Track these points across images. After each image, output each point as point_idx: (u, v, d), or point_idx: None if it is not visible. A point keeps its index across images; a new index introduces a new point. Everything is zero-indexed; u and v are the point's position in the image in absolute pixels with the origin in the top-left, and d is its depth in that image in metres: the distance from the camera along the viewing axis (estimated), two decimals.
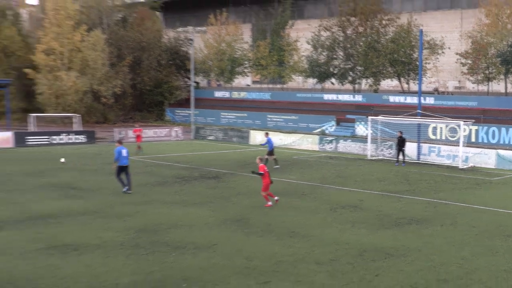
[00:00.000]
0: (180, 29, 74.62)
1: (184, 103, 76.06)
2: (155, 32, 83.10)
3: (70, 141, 49.74)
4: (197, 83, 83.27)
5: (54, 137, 49.36)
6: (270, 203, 22.87)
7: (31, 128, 56.41)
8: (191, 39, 67.14)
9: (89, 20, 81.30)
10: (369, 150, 42.48)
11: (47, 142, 48.32)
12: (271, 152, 35.50)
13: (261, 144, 37.13)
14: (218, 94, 78.56)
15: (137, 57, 78.71)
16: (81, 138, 50.55)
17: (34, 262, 14.98)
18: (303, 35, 72.51)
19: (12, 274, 13.95)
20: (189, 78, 77.22)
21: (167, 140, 54.81)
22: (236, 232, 18.58)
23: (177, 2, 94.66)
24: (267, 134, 38.26)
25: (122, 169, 25.79)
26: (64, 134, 50.09)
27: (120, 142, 26.80)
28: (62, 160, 35.44)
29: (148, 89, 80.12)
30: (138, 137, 42.32)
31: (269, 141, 35.82)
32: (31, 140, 47.89)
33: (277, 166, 34.75)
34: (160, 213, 21.31)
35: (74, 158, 38.47)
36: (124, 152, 25.69)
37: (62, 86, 72.83)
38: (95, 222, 19.74)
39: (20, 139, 46.95)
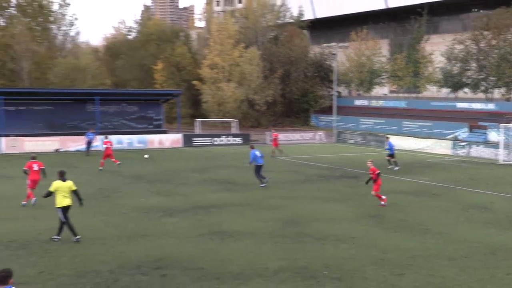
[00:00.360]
0: (324, 45, 74.66)
1: (327, 110, 75.69)
2: (303, 48, 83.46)
3: (229, 142, 51.22)
4: (339, 92, 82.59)
5: (216, 138, 51.12)
6: (383, 202, 21.79)
7: (197, 131, 58.78)
8: (334, 54, 66.74)
9: (246, 38, 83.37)
10: (501, 155, 39.89)
11: (209, 143, 50.13)
12: (391, 155, 34.51)
13: (386, 149, 36.07)
14: (358, 102, 77.41)
15: (286, 70, 79.54)
16: (238, 140, 51.88)
17: (197, 245, 15.48)
18: (438, 48, 69.55)
19: (179, 254, 14.50)
20: (332, 88, 76.72)
21: (312, 143, 54.84)
22: (373, 227, 18.10)
23: (322, 22, 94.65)
24: (387, 138, 37.00)
25: (259, 168, 26.81)
26: (224, 136, 51.70)
27: (252, 147, 28.30)
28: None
29: (296, 98, 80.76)
30: (274, 141, 41.86)
31: (389, 145, 34.77)
32: (197, 141, 49.91)
33: (396, 168, 33.69)
34: (304, 207, 21.27)
35: (232, 157, 39.51)
36: (258, 153, 26.94)
37: (223, 95, 75.27)
38: (248, 213, 20.08)
39: (188, 140, 49.12)
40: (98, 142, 41.17)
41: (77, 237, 15.76)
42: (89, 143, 40.71)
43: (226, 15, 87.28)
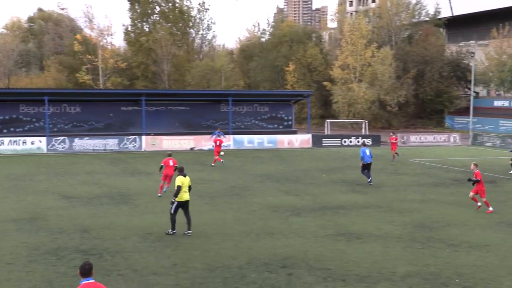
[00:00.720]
0: (462, 44, 71.24)
1: (463, 112, 72.21)
2: (438, 47, 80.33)
3: (358, 143, 50.49)
4: (477, 93, 78.48)
5: (345, 139, 50.62)
6: (491, 208, 20.53)
7: (326, 131, 58.61)
8: (472, 52, 63.50)
9: (379, 38, 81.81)
10: None
11: (338, 144, 49.78)
12: None
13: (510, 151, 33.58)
14: (498, 103, 72.99)
15: (420, 70, 76.97)
16: (368, 141, 50.97)
17: (324, 245, 15.43)
18: None
19: (305, 253, 14.54)
20: (469, 88, 73.07)
21: (445, 145, 52.52)
22: (510, 235, 16.96)
23: (460, 19, 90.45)
24: None
25: (366, 166, 27.25)
26: (353, 137, 51.06)
27: (364, 144, 29.19)
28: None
29: (429, 99, 77.89)
30: (393, 144, 39.35)
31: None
32: (326, 141, 49.77)
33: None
34: (436, 212, 20.43)
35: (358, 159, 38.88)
36: (368, 152, 27.20)
37: (353, 96, 74.45)
38: (377, 215, 19.67)
39: (317, 141, 49.14)
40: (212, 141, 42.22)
41: (174, 231, 16.36)
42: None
43: (359, 15, 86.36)
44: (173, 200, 16.37)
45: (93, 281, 8.01)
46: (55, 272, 12.74)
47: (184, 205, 16.48)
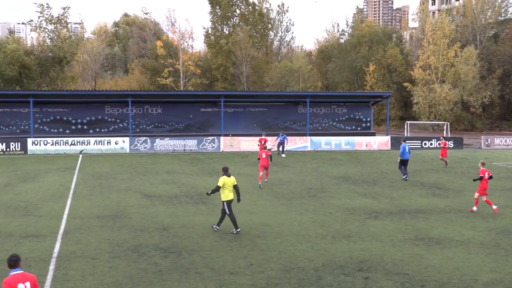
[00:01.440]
0: None
1: None
2: None
3: (439, 146, 49.00)
4: None
5: (425, 142, 49.30)
6: (475, 208, 20.49)
7: (406, 133, 57.32)
8: None
9: (463, 37, 79.28)
10: None
11: (418, 146, 48.54)
12: None
13: None
14: None
15: (507, 70, 73.94)
16: (449, 144, 49.41)
17: (402, 250, 15.08)
18: None
19: (383, 257, 14.27)
20: None
21: None
22: None
23: None
24: None
25: (403, 162, 28.77)
26: (434, 140, 49.62)
27: (404, 140, 30.88)
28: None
29: None
30: (442, 150, 36.32)
31: None
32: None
33: None
34: None
35: (442, 162, 37.76)
36: (407, 148, 28.83)
37: (435, 97, 72.46)
38: (458, 220, 19.02)
39: (396, 143, 48.03)
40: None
41: (238, 230, 16.70)
42: (280, 144, 41.49)
43: (441, 13, 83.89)
44: (208, 193, 17.25)
45: (22, 271, 8.51)
46: (136, 268, 13.15)
47: (230, 204, 16.86)
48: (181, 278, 12.50)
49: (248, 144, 45.61)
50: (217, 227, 17.04)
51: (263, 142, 36.69)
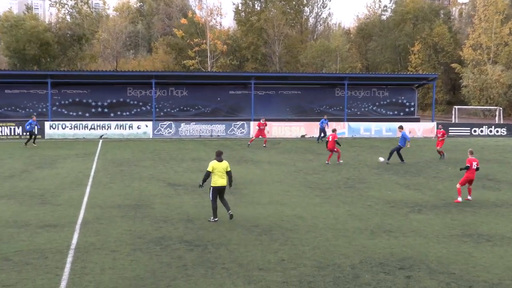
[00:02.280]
0: None
1: None
2: None
3: (490, 133, 48.26)
4: None
5: (475, 129, 48.56)
6: (459, 199, 20.49)
7: (454, 119, 56.51)
8: None
9: None
10: None
11: (468, 134, 47.84)
12: None
13: None
14: None
15: None
16: (502, 131, 48.59)
17: (447, 246, 14.87)
18: None
19: (426, 255, 14.09)
20: None
21: None
22: None
23: None
24: None
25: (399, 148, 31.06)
26: (485, 127, 48.87)
27: (401, 127, 31.91)
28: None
29: None
30: (439, 141, 33.45)
31: None
32: (453, 131, 47.97)
33: None
34: None
35: (493, 150, 37.17)
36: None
37: (486, 79, 71.20)
38: (511, 214, 18.66)
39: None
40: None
41: (215, 219, 17.03)
42: (322, 131, 41.40)
43: None
44: (200, 184, 17.51)
45: None
46: (159, 262, 13.23)
47: (220, 190, 17.02)
48: (207, 274, 12.54)
49: (280, 130, 45.57)
50: (215, 219, 17.18)
51: (261, 127, 38.18)
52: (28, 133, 38.00)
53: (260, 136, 38.18)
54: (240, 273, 12.58)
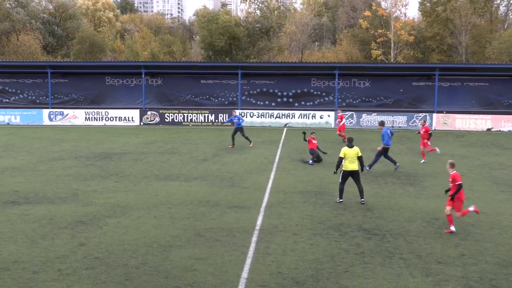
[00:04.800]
0: None
1: None
2: None
3: None
4: None
5: None
6: (452, 228, 14.93)
7: None
8: None
9: None
10: None
11: None
12: None
13: None
14: None
15: None
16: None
17: None
18: None
19: None
20: None
21: None
22: None
23: None
24: None
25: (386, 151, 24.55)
26: None
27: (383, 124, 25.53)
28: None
29: None
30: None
31: None
32: None
33: None
34: None
35: None
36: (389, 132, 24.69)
37: None
38: None
39: None
40: None
41: (340, 199, 17.95)
42: None
43: None
44: (334, 171, 18.62)
45: None
46: (337, 248, 13.38)
47: (352, 174, 17.84)
48: (384, 262, 12.45)
49: (465, 122, 43.51)
50: (340, 200, 18.04)
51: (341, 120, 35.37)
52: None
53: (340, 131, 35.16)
54: (418, 265, 12.32)
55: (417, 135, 30.79)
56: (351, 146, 17.97)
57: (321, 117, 44.38)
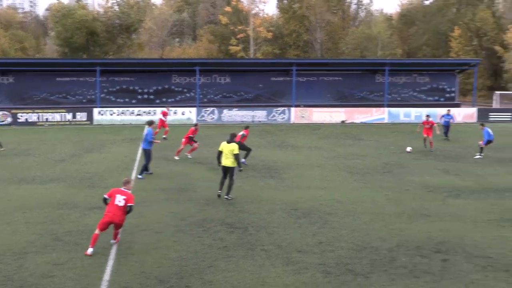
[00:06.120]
0: None
1: None
2: None
3: None
4: None
5: None
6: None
7: (495, 105, 55.32)
8: None
9: None
10: None
11: (509, 119, 46.79)
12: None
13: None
14: None
15: None
16: None
17: (484, 231, 14.69)
18: None
19: (463, 239, 13.95)
20: None
21: None
22: None
23: None
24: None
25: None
26: None
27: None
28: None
29: None
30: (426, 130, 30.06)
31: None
32: (494, 116, 46.98)
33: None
34: None
35: None
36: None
37: None
38: None
39: (483, 115, 46.59)
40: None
41: (219, 191, 18.04)
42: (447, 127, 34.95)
43: None
44: (218, 164, 18.23)
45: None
46: (201, 244, 13.44)
47: (226, 170, 17.85)
48: (247, 255, 12.70)
49: (321, 115, 45.37)
50: (225, 197, 17.97)
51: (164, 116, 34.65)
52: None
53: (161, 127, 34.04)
54: (279, 255, 12.70)
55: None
56: (229, 142, 17.85)
57: (182, 114, 44.29)
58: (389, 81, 49.26)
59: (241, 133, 25.02)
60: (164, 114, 35.32)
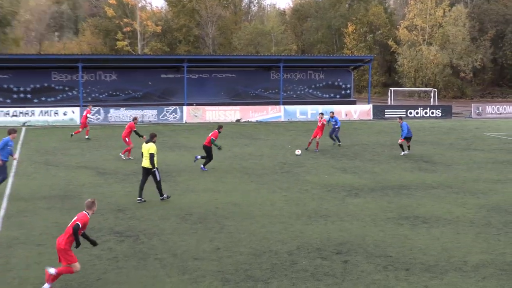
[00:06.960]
0: None
1: None
2: None
3: (426, 115, 49.54)
4: None
5: (411, 111, 49.74)
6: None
7: (390, 101, 57.74)
8: None
9: None
10: None
11: (403, 115, 48.98)
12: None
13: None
14: None
15: (499, 31, 74.76)
16: (437, 113, 49.97)
17: (384, 230, 15.20)
18: None
19: (363, 239, 14.36)
20: None
21: None
22: None
23: None
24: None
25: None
26: (420, 108, 50.11)
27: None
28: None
29: (510, 63, 75.50)
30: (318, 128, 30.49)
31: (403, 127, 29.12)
32: (389, 113, 49.01)
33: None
34: None
35: (429, 132, 38.23)
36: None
37: (421, 59, 73.01)
38: (447, 196, 19.23)
39: (378, 112, 48.51)
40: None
41: (138, 198, 18.08)
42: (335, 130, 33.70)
43: None
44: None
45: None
46: (88, 255, 12.97)
47: (146, 171, 18.08)
48: (139, 265, 12.40)
49: (215, 114, 45.40)
50: (138, 198, 18.13)
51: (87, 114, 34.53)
52: None
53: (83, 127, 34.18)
54: (174, 264, 12.50)
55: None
56: (147, 142, 18.11)
57: (64, 114, 42.78)
58: (284, 78, 50.13)
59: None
60: (88, 112, 34.78)
